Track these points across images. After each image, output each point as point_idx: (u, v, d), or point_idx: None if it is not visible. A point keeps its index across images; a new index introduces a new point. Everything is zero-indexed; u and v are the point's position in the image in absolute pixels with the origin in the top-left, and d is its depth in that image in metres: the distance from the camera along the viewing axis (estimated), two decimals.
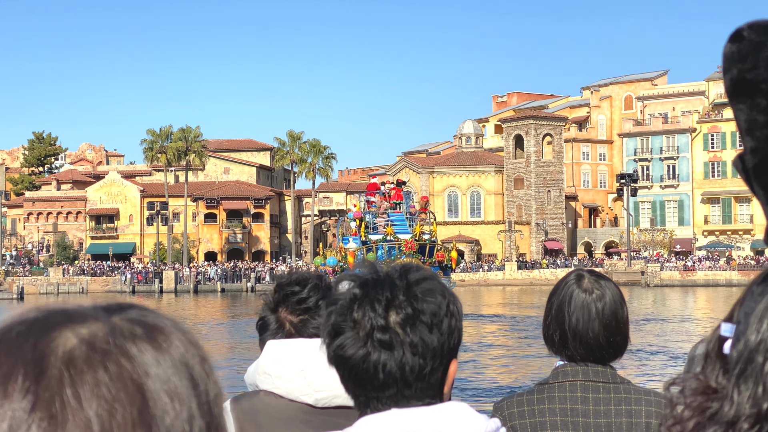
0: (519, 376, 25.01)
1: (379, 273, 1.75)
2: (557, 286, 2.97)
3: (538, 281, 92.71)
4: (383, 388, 1.67)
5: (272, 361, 2.58)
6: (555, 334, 2.91)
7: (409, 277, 1.72)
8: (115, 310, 0.80)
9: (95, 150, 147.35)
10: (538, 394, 2.93)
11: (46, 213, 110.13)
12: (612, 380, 2.90)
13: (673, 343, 32.83)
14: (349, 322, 1.69)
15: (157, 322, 0.80)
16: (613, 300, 2.91)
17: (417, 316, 1.68)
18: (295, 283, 2.72)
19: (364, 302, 1.69)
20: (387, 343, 1.66)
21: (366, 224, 54.83)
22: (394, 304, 1.69)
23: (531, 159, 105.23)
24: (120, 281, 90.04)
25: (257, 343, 2.75)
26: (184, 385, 0.77)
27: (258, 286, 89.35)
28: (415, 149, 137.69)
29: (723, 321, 0.97)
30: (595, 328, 2.87)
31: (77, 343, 0.74)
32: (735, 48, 0.98)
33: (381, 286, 1.71)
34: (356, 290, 1.72)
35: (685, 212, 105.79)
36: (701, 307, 59.06)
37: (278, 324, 2.70)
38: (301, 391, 2.53)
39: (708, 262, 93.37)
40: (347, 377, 1.71)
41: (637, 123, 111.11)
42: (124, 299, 16.55)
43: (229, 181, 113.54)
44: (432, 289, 1.72)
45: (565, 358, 2.93)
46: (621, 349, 2.93)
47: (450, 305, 1.73)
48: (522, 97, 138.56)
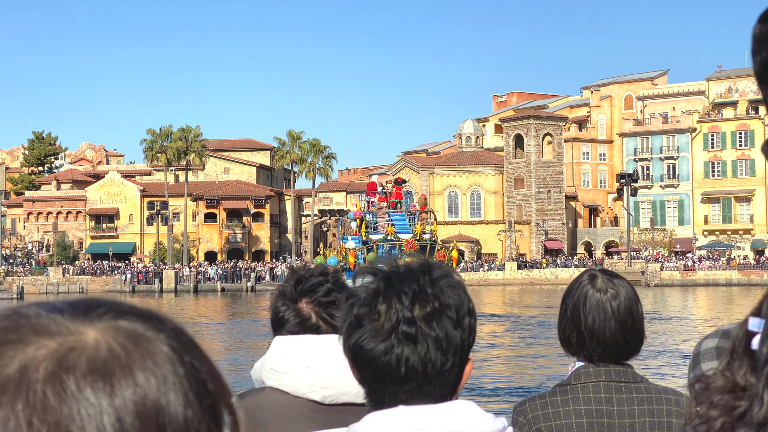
0: (520, 376, 25.00)
1: (402, 267, 1.72)
2: (571, 287, 2.98)
3: (538, 281, 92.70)
4: (403, 382, 1.65)
5: (279, 358, 2.55)
6: (572, 336, 2.92)
7: (433, 273, 1.70)
8: (96, 315, 0.73)
9: (95, 150, 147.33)
10: (561, 395, 2.92)
11: (46, 213, 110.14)
12: (633, 380, 2.91)
13: (673, 343, 32.83)
14: (373, 314, 1.66)
15: (137, 338, 0.71)
16: (627, 298, 2.91)
17: (443, 311, 1.66)
18: (318, 274, 2.67)
19: (390, 294, 1.66)
20: (412, 336, 1.63)
21: (366, 224, 54.83)
22: (421, 298, 1.66)
23: (531, 159, 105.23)
24: (120, 281, 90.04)
25: (258, 343, 2.73)
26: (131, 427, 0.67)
27: (258, 285, 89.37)
28: (415, 149, 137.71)
29: (750, 315, 0.93)
30: (612, 327, 2.87)
31: (14, 369, 0.68)
32: (765, 29, 0.94)
33: (407, 279, 1.68)
34: (380, 282, 1.69)
35: (685, 212, 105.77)
36: (701, 307, 59.07)
37: (300, 317, 2.63)
38: (308, 388, 2.51)
39: (708, 262, 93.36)
40: (366, 370, 1.67)
41: (637, 123, 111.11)
42: (124, 299, 16.55)
43: (229, 180, 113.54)
44: (456, 285, 1.71)
45: (583, 359, 2.93)
46: (638, 346, 2.94)
47: (470, 303, 1.73)
48: (522, 96, 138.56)
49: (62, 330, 0.71)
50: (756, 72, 0.96)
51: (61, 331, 0.71)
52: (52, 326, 0.72)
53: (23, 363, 0.68)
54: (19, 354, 0.69)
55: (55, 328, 0.72)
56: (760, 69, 0.94)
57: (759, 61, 0.94)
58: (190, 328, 0.67)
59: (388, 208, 56.91)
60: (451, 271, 1.75)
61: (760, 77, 0.95)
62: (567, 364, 3.05)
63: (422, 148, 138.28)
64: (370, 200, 57.68)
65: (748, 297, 66.44)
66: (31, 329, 0.71)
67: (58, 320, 0.72)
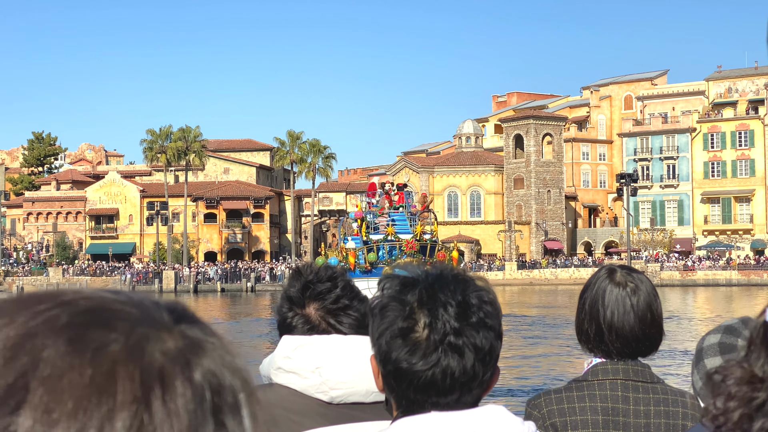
0: (523, 376, 25.00)
1: (435, 276, 1.68)
2: (589, 282, 2.96)
3: (537, 281, 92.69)
4: (447, 393, 1.63)
5: (286, 357, 2.52)
6: (590, 330, 2.89)
7: (466, 280, 1.68)
8: (179, 318, 0.73)
9: (95, 150, 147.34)
10: (577, 391, 2.89)
11: (45, 213, 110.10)
12: (650, 380, 2.89)
13: (672, 343, 32.82)
14: (416, 326, 1.62)
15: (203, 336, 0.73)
16: (647, 293, 2.91)
17: (486, 321, 1.65)
18: (326, 279, 2.62)
19: (435, 305, 1.62)
20: (459, 347, 1.61)
21: (367, 224, 54.78)
22: (466, 308, 1.64)
23: (531, 159, 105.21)
24: (120, 281, 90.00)
25: (259, 343, 2.71)
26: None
27: (258, 286, 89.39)
28: (414, 149, 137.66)
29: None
30: (631, 321, 2.85)
31: (167, 354, 0.69)
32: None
33: (448, 289, 1.65)
34: (423, 293, 1.64)
35: (685, 212, 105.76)
36: (701, 307, 59.08)
37: (309, 324, 2.60)
38: (316, 389, 2.48)
39: (708, 262, 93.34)
40: (408, 383, 1.63)
41: (636, 123, 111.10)
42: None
43: (229, 181, 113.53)
44: (492, 296, 1.71)
45: (601, 354, 2.90)
46: (657, 342, 2.92)
47: (500, 312, 1.72)
48: (522, 96, 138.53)
49: (168, 324, 0.72)
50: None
51: (171, 326, 0.72)
52: (162, 321, 0.72)
53: (167, 350, 0.68)
54: (166, 338, 0.70)
55: (163, 322, 0.72)
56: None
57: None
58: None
59: (390, 208, 56.66)
60: (482, 277, 1.73)
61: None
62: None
63: (422, 148, 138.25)
64: (370, 201, 57.53)
65: (748, 297, 66.46)
66: (155, 319, 0.71)
67: (163, 317, 0.73)
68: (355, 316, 2.59)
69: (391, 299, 1.66)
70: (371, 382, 2.43)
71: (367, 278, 51.53)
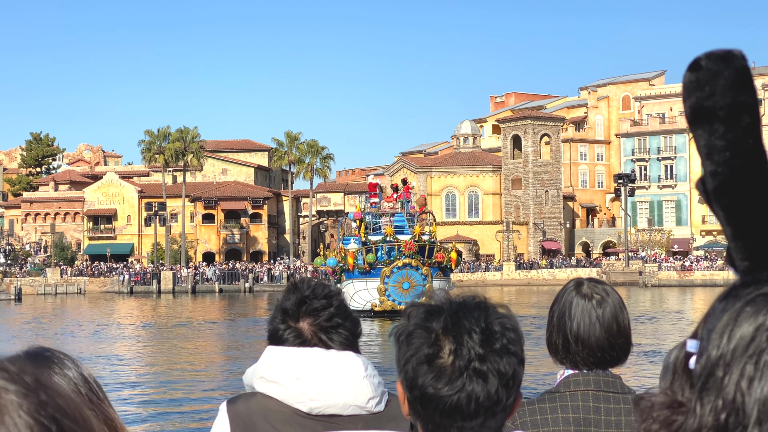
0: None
1: (458, 304, 1.71)
2: (558, 296, 3.01)
3: (535, 281, 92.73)
4: (472, 417, 1.65)
5: (269, 367, 2.60)
6: (558, 341, 2.94)
7: (489, 308, 1.71)
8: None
9: (93, 150, 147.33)
10: (549, 402, 2.93)
11: (43, 214, 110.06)
12: (621, 390, 2.93)
13: (671, 344, 32.83)
14: (442, 353, 1.64)
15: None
16: (613, 305, 2.93)
17: (510, 348, 1.68)
18: (322, 296, 2.68)
19: (460, 332, 1.65)
20: (483, 373, 1.64)
21: (366, 225, 54.69)
22: (490, 335, 1.66)
23: (528, 159, 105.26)
24: (118, 282, 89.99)
25: (255, 345, 2.76)
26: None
27: (256, 286, 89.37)
28: (412, 149, 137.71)
29: (689, 338, 1.00)
30: (596, 332, 2.89)
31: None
32: (693, 77, 1.00)
33: (472, 316, 1.68)
34: (446, 319, 1.67)
35: (683, 212, 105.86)
36: (698, 308, 59.09)
37: (300, 338, 2.65)
38: (296, 399, 2.56)
39: (705, 262, 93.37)
40: (434, 408, 1.65)
41: (634, 123, 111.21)
42: (122, 300, 16.44)
43: (227, 181, 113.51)
44: (515, 323, 1.73)
45: (569, 365, 2.95)
46: (625, 351, 2.95)
47: (522, 339, 1.74)
48: (519, 97, 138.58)
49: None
50: (687, 116, 1.02)
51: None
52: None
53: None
54: None
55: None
56: (691, 113, 1.01)
57: (689, 106, 1.01)
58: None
59: (394, 207, 56.44)
60: (506, 306, 1.76)
61: (690, 120, 1.01)
62: (555, 373, 3.06)
63: (420, 148, 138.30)
64: (372, 201, 57.36)
65: None
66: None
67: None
68: (346, 335, 2.67)
69: (416, 327, 1.68)
70: (350, 395, 2.54)
71: (365, 279, 51.58)
